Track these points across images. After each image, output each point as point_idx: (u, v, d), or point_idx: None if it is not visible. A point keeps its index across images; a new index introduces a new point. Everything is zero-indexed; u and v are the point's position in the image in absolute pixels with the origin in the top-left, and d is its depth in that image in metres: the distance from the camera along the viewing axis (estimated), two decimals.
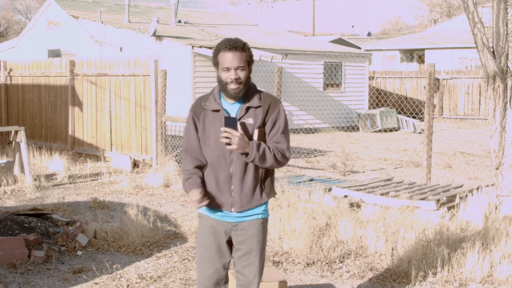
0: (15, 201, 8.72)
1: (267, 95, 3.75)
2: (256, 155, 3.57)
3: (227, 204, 3.70)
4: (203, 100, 3.77)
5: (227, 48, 3.63)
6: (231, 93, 3.63)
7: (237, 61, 3.61)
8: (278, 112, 3.69)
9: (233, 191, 3.68)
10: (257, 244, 3.74)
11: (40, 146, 13.31)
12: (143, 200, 8.95)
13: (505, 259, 5.66)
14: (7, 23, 54.01)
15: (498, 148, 7.54)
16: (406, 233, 6.38)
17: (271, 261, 6.02)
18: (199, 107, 3.76)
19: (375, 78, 26.75)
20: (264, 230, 3.78)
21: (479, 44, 7.47)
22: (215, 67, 3.70)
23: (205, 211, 3.78)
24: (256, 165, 3.66)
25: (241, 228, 3.73)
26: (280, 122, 3.69)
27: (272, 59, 18.18)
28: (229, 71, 3.61)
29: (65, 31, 21.56)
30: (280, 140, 3.67)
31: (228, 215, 3.72)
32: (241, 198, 3.69)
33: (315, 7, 47.12)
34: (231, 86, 3.61)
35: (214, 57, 3.69)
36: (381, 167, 12.41)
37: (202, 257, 3.78)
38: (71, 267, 5.89)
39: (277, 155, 3.63)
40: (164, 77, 11.39)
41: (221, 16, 26.66)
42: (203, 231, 3.79)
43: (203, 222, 3.80)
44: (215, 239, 3.74)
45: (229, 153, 3.65)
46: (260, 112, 3.67)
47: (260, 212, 3.75)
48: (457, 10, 44.74)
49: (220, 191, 3.70)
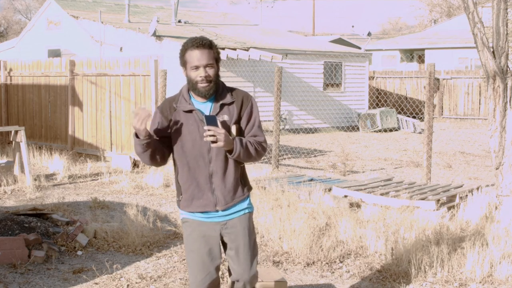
0: (15, 201, 8.72)
1: (237, 91, 3.75)
2: (241, 150, 3.57)
3: (211, 203, 3.67)
4: (172, 101, 3.71)
5: (194, 46, 3.59)
6: (201, 92, 3.60)
7: (206, 59, 3.58)
8: (251, 106, 3.71)
9: (215, 190, 3.66)
10: (249, 237, 3.76)
11: (40, 146, 13.31)
12: (143, 200, 8.95)
13: (505, 259, 5.66)
14: (7, 23, 54.02)
15: (498, 148, 7.54)
16: (406, 233, 6.39)
17: (271, 261, 6.02)
18: (169, 108, 3.70)
19: (375, 78, 26.75)
20: (252, 223, 3.81)
21: (479, 44, 7.47)
22: (183, 67, 3.68)
23: (190, 215, 3.73)
24: (235, 161, 3.66)
25: (231, 226, 3.72)
26: (255, 116, 3.71)
27: (272, 59, 18.19)
28: (198, 69, 3.58)
29: (65, 31, 21.56)
30: (258, 133, 3.70)
31: (214, 215, 3.70)
32: (224, 195, 3.67)
33: (315, 7, 47.15)
34: (201, 85, 3.59)
35: (181, 57, 3.64)
36: (381, 167, 12.41)
37: (194, 262, 3.72)
38: (71, 267, 5.89)
39: (257, 148, 3.66)
40: (164, 77, 11.39)
41: (221, 16, 26.66)
42: (192, 236, 3.73)
43: (191, 226, 3.74)
44: (205, 243, 3.70)
45: (207, 152, 3.63)
46: (234, 108, 3.67)
47: (246, 207, 3.76)
48: (457, 10, 44.75)
49: (201, 191, 3.67)
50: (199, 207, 3.69)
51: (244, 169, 3.79)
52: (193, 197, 3.69)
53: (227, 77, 17.73)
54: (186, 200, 3.72)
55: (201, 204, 3.68)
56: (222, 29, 22.99)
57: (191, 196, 3.70)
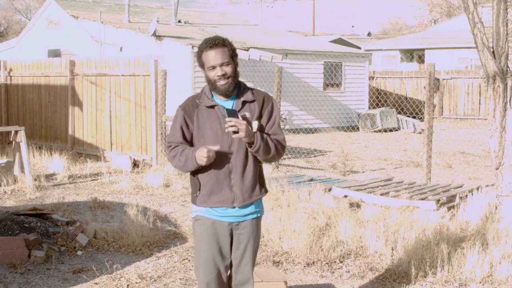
0: (15, 201, 8.72)
1: (258, 90, 3.81)
2: (261, 144, 3.61)
3: (228, 200, 3.69)
4: (195, 98, 3.77)
5: (208, 47, 3.65)
6: (221, 90, 3.66)
7: (221, 57, 3.64)
8: (272, 105, 3.76)
9: (233, 186, 3.68)
10: (255, 242, 3.80)
11: (40, 146, 13.31)
12: (143, 200, 8.95)
13: (505, 259, 5.66)
14: (7, 23, 54.00)
15: (498, 148, 7.54)
16: (406, 233, 6.39)
17: (271, 261, 6.02)
18: (192, 105, 3.74)
19: (375, 78, 26.75)
20: (260, 227, 3.86)
21: (479, 44, 7.47)
22: (202, 69, 3.74)
23: (205, 213, 3.74)
24: (255, 159, 3.70)
25: (242, 227, 3.75)
26: (275, 115, 3.76)
27: (272, 59, 18.18)
28: (214, 69, 3.64)
29: (65, 31, 21.56)
30: (277, 131, 3.75)
31: (229, 214, 3.71)
32: (242, 192, 3.69)
33: (315, 7, 47.14)
34: (220, 83, 3.64)
35: (198, 59, 3.73)
36: (381, 167, 12.41)
37: (204, 260, 3.74)
38: (71, 267, 5.89)
39: (277, 146, 3.70)
40: (164, 77, 11.39)
41: (221, 16, 26.67)
42: (204, 234, 3.74)
43: (203, 224, 3.75)
44: (217, 241, 3.73)
45: (228, 148, 3.66)
46: (255, 106, 3.72)
47: (258, 209, 3.80)
48: (457, 10, 44.74)
49: (219, 187, 3.69)
50: (216, 203, 3.70)
51: (262, 169, 3.82)
52: (211, 192, 3.70)
53: None
54: (204, 195, 3.72)
55: (219, 200, 3.70)
56: (222, 29, 22.99)
57: (209, 191, 3.70)
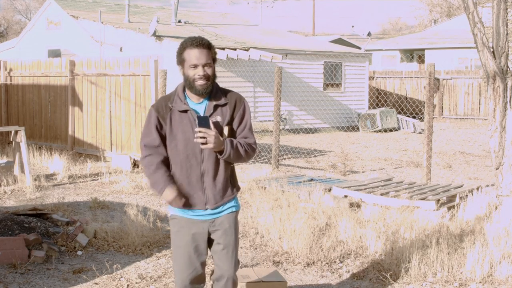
0: (15, 201, 8.72)
1: (231, 93, 3.82)
2: (231, 152, 3.66)
3: (201, 202, 3.76)
4: (168, 100, 3.76)
5: (194, 45, 3.67)
6: (199, 90, 3.67)
7: (205, 58, 3.66)
8: (244, 109, 3.79)
9: (205, 189, 3.75)
10: (234, 236, 3.85)
11: (40, 146, 13.31)
12: (143, 200, 8.95)
13: (505, 259, 5.66)
14: (7, 23, 54.01)
15: (498, 148, 7.54)
16: (406, 233, 6.39)
17: (271, 261, 6.02)
18: (164, 107, 3.75)
19: (375, 78, 26.75)
20: (237, 221, 3.92)
21: (479, 44, 7.47)
22: (180, 65, 3.74)
23: (179, 212, 3.81)
24: (225, 162, 3.75)
25: (218, 224, 3.81)
26: (246, 118, 3.79)
27: (272, 59, 18.18)
28: (196, 68, 3.65)
29: (65, 31, 21.56)
30: (248, 135, 3.79)
31: (203, 213, 3.78)
32: (214, 194, 3.76)
33: (315, 7, 47.15)
34: (199, 83, 3.65)
35: (179, 55, 3.72)
36: (381, 167, 12.41)
37: (180, 258, 3.81)
38: (71, 267, 5.89)
39: (247, 150, 3.75)
40: (164, 77, 11.39)
41: (221, 16, 26.67)
42: (180, 232, 3.81)
43: (179, 223, 3.81)
44: (192, 239, 3.79)
45: (199, 152, 3.70)
46: (227, 110, 3.75)
47: (233, 205, 3.86)
48: (457, 10, 44.75)
49: (192, 190, 3.75)
50: (188, 205, 3.76)
51: (233, 170, 3.90)
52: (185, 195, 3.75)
53: (227, 77, 17.73)
54: None
55: (192, 203, 3.76)
56: (222, 29, 22.99)
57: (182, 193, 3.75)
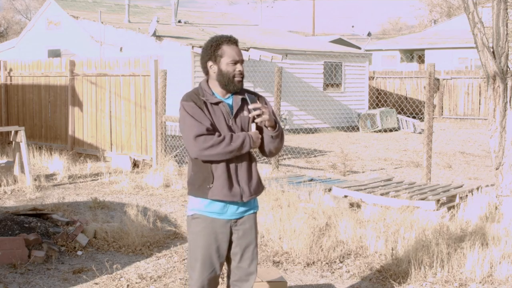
0: (15, 201, 8.72)
1: (249, 90, 3.82)
2: (281, 128, 3.71)
3: (238, 194, 3.70)
4: (197, 94, 3.71)
5: (231, 42, 3.68)
6: (237, 86, 3.69)
7: (242, 56, 3.72)
8: (266, 102, 3.79)
9: (240, 181, 3.71)
10: (255, 237, 3.83)
11: (40, 146, 13.31)
12: (143, 200, 8.95)
13: (505, 259, 5.66)
14: (7, 23, 53.99)
15: (498, 148, 7.54)
16: (406, 233, 6.39)
17: (271, 261, 6.02)
18: (198, 100, 3.68)
19: (375, 78, 26.75)
20: (256, 222, 3.89)
21: (479, 44, 7.47)
22: (212, 61, 3.68)
23: (203, 212, 3.74)
24: (251, 156, 3.74)
25: (240, 224, 3.77)
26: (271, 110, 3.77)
27: (272, 59, 18.17)
28: (236, 64, 3.66)
29: (65, 31, 21.56)
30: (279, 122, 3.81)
31: (228, 211, 3.72)
32: (249, 186, 3.73)
33: (315, 7, 47.13)
34: (238, 79, 3.68)
35: (214, 51, 3.66)
36: (381, 167, 12.41)
37: (202, 258, 3.74)
38: (71, 267, 5.89)
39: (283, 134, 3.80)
40: (164, 77, 11.40)
41: (221, 16, 26.67)
42: (203, 232, 3.74)
43: (204, 222, 3.75)
44: (215, 239, 3.73)
45: None
46: None
47: (255, 205, 3.86)
48: (457, 10, 44.74)
49: (230, 181, 3.70)
50: (227, 196, 3.68)
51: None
52: (223, 186, 3.68)
53: None
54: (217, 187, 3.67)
55: (230, 194, 3.68)
56: (222, 29, 22.99)
57: (222, 184, 3.67)
